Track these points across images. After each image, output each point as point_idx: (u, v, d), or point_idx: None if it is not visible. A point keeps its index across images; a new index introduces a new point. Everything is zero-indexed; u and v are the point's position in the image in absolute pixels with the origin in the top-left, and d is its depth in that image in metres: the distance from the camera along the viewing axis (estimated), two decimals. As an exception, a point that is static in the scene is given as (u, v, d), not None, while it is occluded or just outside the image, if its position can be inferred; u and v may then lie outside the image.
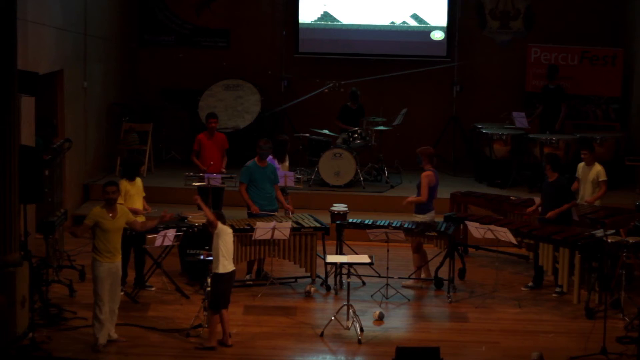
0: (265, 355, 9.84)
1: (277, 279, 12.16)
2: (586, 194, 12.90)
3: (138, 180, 11.87)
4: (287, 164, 13.52)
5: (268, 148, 12.39)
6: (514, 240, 11.53)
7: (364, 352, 10.10)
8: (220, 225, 10.02)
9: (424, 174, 12.15)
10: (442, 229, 11.85)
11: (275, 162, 12.94)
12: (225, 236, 10.04)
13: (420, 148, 12.39)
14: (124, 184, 11.64)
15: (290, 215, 12.36)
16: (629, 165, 15.48)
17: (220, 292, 9.94)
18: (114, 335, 10.05)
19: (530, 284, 12.19)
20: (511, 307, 11.46)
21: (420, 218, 12.13)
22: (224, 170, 13.58)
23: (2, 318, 9.52)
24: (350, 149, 15.69)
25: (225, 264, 9.98)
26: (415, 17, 17.74)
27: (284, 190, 13.02)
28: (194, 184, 13.08)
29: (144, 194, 11.92)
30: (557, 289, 11.88)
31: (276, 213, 12.41)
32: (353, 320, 10.53)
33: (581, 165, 13.08)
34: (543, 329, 10.76)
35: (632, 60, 16.97)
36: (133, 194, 11.69)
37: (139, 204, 11.73)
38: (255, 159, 12.41)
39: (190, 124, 17.33)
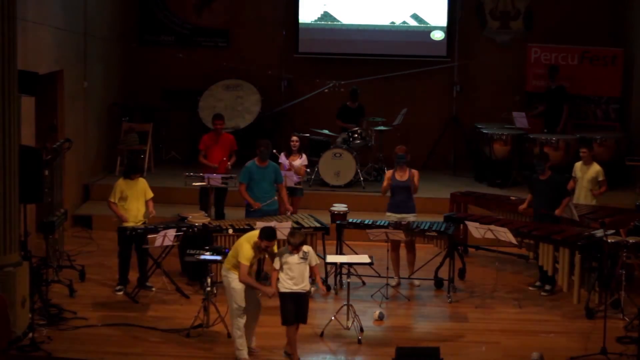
0: (265, 355, 9.84)
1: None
2: (583, 193, 12.91)
3: (140, 182, 11.87)
4: (298, 162, 13.53)
5: (268, 148, 12.40)
6: (514, 240, 11.52)
7: (364, 352, 10.10)
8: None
9: (417, 171, 12.22)
10: (442, 229, 11.87)
11: (284, 158, 13.21)
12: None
13: (401, 146, 12.32)
14: (120, 184, 11.70)
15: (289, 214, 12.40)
16: (629, 165, 15.46)
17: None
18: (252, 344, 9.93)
19: (537, 283, 12.14)
20: (511, 307, 11.46)
21: (413, 217, 12.14)
22: (228, 165, 13.60)
23: (2, 318, 9.51)
24: (350, 149, 15.68)
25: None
26: (415, 17, 17.73)
27: (296, 191, 13.11)
28: (194, 184, 13.08)
29: (150, 195, 11.91)
30: (547, 287, 11.89)
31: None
32: (353, 320, 10.53)
33: (578, 164, 13.08)
34: (543, 329, 10.76)
35: (632, 60, 16.95)
36: (128, 194, 11.70)
37: (135, 205, 11.74)
38: (256, 159, 12.43)
39: (190, 124, 17.32)
